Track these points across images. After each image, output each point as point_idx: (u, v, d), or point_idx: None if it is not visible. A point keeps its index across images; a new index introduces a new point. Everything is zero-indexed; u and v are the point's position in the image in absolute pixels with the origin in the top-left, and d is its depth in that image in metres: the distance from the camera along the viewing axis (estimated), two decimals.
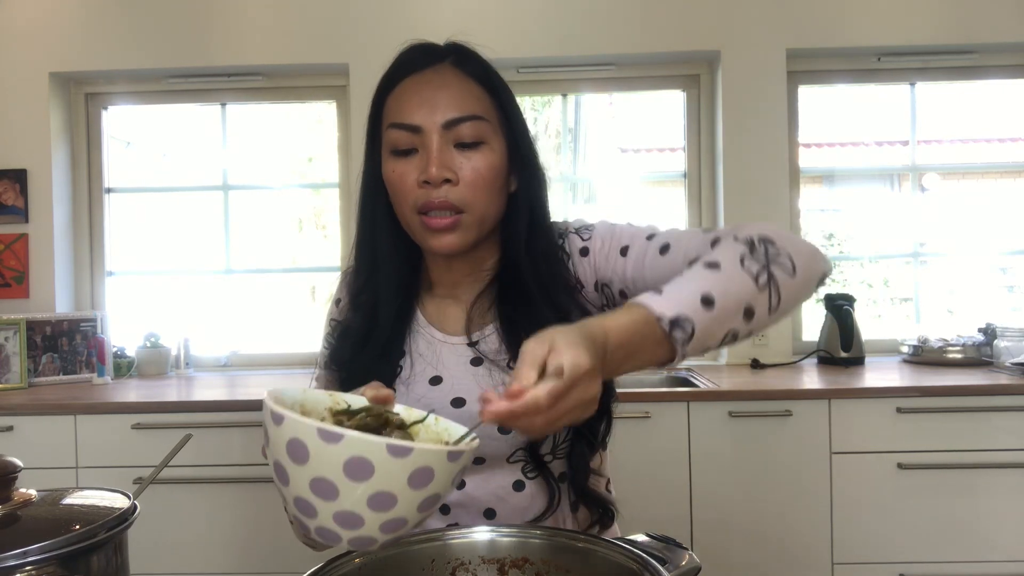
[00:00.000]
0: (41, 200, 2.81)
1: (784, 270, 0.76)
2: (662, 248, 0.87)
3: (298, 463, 0.59)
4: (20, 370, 2.58)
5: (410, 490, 0.59)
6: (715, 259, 0.75)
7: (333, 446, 0.57)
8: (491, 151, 0.89)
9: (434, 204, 0.86)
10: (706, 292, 0.70)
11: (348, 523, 0.60)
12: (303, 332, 3.76)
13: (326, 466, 0.57)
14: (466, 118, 0.87)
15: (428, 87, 0.88)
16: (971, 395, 2.13)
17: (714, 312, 0.70)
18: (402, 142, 0.88)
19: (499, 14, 2.75)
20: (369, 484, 0.57)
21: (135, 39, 2.80)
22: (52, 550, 0.62)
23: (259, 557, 2.22)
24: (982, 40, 2.72)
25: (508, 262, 0.95)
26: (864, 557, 2.14)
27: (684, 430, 2.16)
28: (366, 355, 0.93)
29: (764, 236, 0.78)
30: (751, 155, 2.73)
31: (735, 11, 2.72)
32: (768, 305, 0.75)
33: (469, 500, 0.93)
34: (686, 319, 0.68)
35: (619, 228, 0.94)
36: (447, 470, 0.60)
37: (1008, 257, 3.27)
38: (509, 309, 0.93)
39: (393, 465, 0.57)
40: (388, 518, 0.60)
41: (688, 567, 0.71)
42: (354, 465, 0.57)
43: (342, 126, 2.93)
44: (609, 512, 0.96)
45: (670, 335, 0.68)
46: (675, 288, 0.71)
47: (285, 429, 0.58)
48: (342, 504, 0.58)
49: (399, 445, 0.57)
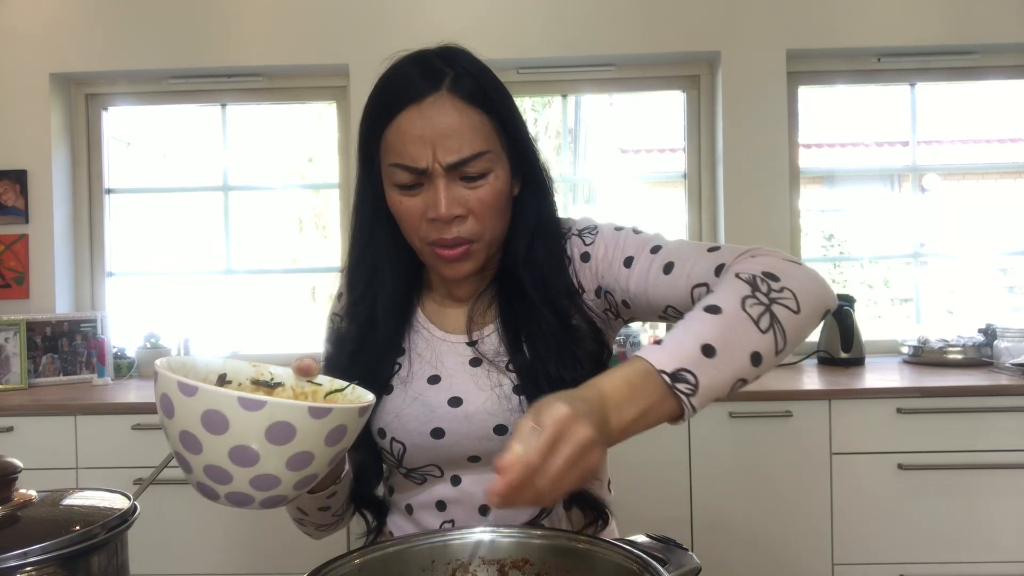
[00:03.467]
0: (41, 201, 2.81)
1: (788, 308, 0.74)
2: (666, 267, 0.85)
3: (168, 416, 0.60)
4: (20, 371, 2.58)
5: (269, 445, 0.59)
6: (716, 303, 0.72)
7: (190, 399, 0.58)
8: (496, 179, 0.87)
9: (447, 242, 0.86)
10: (706, 341, 0.69)
11: (218, 478, 0.61)
12: (303, 332, 3.76)
13: (188, 419, 0.59)
14: (471, 158, 0.84)
15: (429, 126, 0.84)
16: (971, 396, 2.13)
17: (716, 361, 0.68)
18: (406, 180, 0.86)
19: (499, 15, 2.75)
20: (226, 438, 0.58)
21: (135, 40, 2.80)
22: (52, 551, 0.62)
23: (259, 557, 2.22)
24: (982, 40, 2.72)
25: (509, 263, 0.95)
26: (864, 558, 2.14)
27: (684, 431, 2.16)
28: (361, 359, 0.93)
29: (768, 271, 0.76)
30: (751, 155, 2.73)
31: (735, 12, 2.72)
32: (774, 347, 0.73)
33: (465, 497, 0.93)
34: (687, 372, 0.67)
35: (624, 235, 0.92)
36: (313, 427, 0.60)
37: (1008, 257, 3.27)
38: (510, 309, 0.93)
39: (248, 419, 0.58)
40: (255, 474, 0.60)
41: (688, 568, 0.71)
42: (210, 418, 0.58)
43: (342, 126, 2.93)
44: (604, 515, 0.96)
45: (673, 388, 0.67)
46: (675, 339, 0.70)
47: (158, 386, 0.61)
48: (207, 457, 0.60)
49: (252, 399, 0.58)
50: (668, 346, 0.69)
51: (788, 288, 0.75)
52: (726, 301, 0.72)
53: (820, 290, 0.77)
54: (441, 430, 0.91)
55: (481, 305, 0.96)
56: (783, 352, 0.74)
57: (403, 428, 0.92)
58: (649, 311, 0.89)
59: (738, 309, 0.72)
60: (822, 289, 0.78)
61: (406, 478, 0.96)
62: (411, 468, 0.94)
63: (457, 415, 0.90)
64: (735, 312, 0.71)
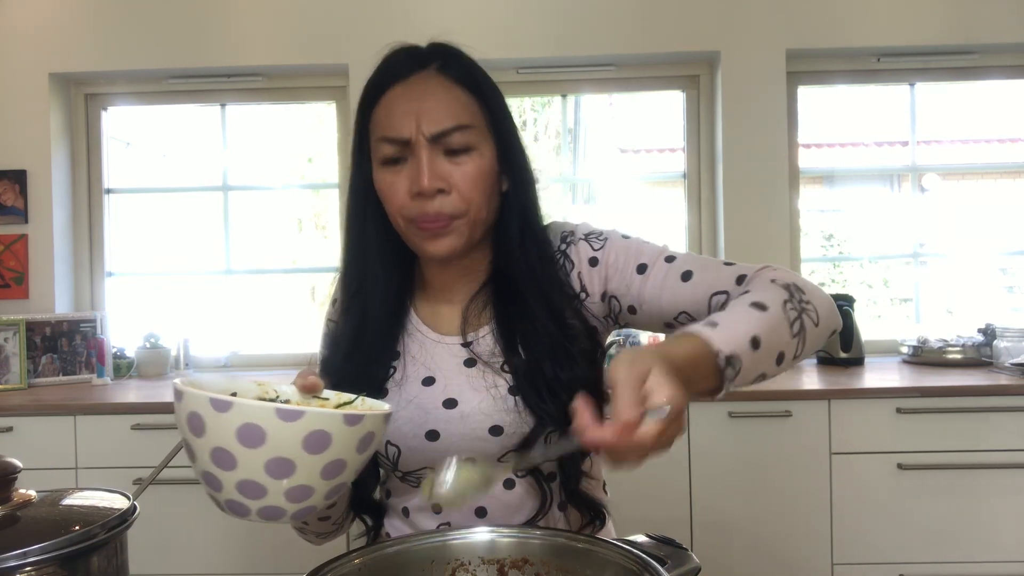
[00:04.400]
0: (41, 201, 2.81)
1: (812, 320, 0.79)
2: (684, 275, 0.88)
3: (197, 435, 0.59)
4: (20, 371, 2.58)
5: (307, 455, 0.59)
6: (762, 300, 0.77)
7: (224, 415, 0.57)
8: (480, 156, 0.88)
9: (429, 217, 0.86)
10: (755, 334, 0.72)
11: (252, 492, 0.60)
12: (303, 332, 3.76)
13: (222, 435, 0.58)
14: (453, 129, 0.86)
15: (414, 97, 0.87)
16: (971, 395, 2.13)
17: (758, 354, 0.72)
18: (391, 154, 0.88)
19: (499, 14, 2.75)
20: (263, 451, 0.58)
21: (135, 40, 2.80)
22: (52, 551, 0.62)
23: (258, 557, 2.22)
24: (982, 40, 2.72)
25: (501, 263, 0.95)
26: (864, 558, 2.14)
27: (684, 431, 2.16)
28: (355, 362, 0.93)
29: (796, 284, 0.81)
30: (751, 155, 2.73)
31: (735, 12, 2.72)
32: (795, 352, 0.78)
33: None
34: (737, 358, 0.70)
35: (635, 243, 0.93)
36: (347, 434, 0.60)
37: (1008, 257, 3.28)
38: (505, 310, 0.93)
39: (285, 430, 0.58)
40: (291, 485, 0.60)
41: (688, 568, 0.71)
42: (246, 432, 0.57)
43: (342, 126, 2.93)
44: (601, 515, 0.96)
45: (723, 371, 0.70)
46: (729, 324, 0.72)
47: (184, 404, 0.60)
48: (241, 473, 0.59)
49: (289, 409, 0.58)
50: (724, 332, 0.71)
51: (812, 302, 0.80)
52: (771, 301, 0.77)
53: (833, 311, 0.84)
54: (436, 432, 0.90)
55: (476, 306, 0.96)
56: (797, 359, 0.79)
57: (397, 431, 0.91)
58: (658, 317, 0.90)
59: (780, 310, 0.77)
60: (835, 311, 0.84)
61: (402, 481, 0.96)
62: (406, 471, 0.94)
63: (452, 416, 0.90)
64: (778, 312, 0.76)
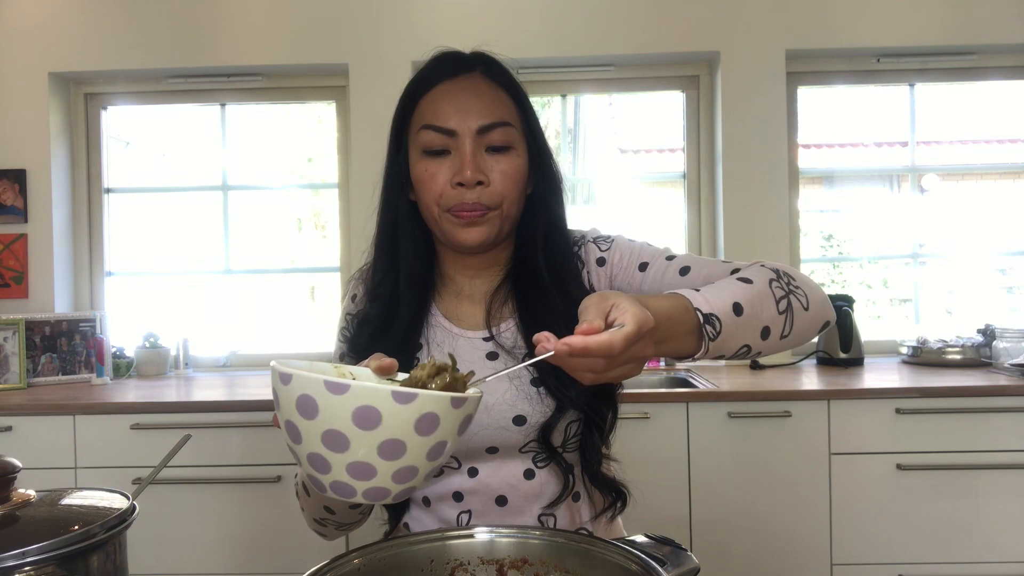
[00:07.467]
0: (40, 200, 2.80)
1: (800, 303, 0.84)
2: (682, 269, 0.93)
3: (308, 418, 0.60)
4: (19, 370, 2.58)
5: (417, 437, 0.60)
6: (747, 276, 0.83)
7: (340, 397, 0.58)
8: (517, 156, 0.93)
9: (467, 206, 0.90)
10: (738, 300, 0.77)
11: (361, 474, 0.61)
12: (302, 332, 3.76)
13: (336, 418, 0.58)
14: (497, 124, 0.91)
15: (461, 93, 0.92)
16: (970, 396, 2.13)
17: (741, 320, 0.77)
18: (435, 143, 0.92)
19: (499, 14, 2.75)
20: (378, 432, 0.58)
21: (135, 39, 2.80)
22: (51, 550, 0.62)
23: (258, 557, 2.22)
24: (982, 41, 2.72)
25: (521, 260, 0.98)
26: (863, 558, 2.14)
27: (683, 431, 2.16)
28: (384, 344, 0.94)
29: (786, 271, 0.86)
30: (750, 156, 2.73)
31: (734, 12, 2.72)
32: (781, 331, 0.82)
33: (482, 487, 0.95)
34: (717, 318, 0.75)
35: (638, 245, 0.99)
36: (452, 416, 0.61)
37: (1007, 258, 3.28)
38: (527, 302, 0.96)
39: (400, 412, 0.58)
40: (399, 467, 0.61)
41: (687, 568, 0.71)
42: (362, 414, 0.58)
43: (342, 126, 2.93)
44: (622, 495, 0.98)
45: (702, 328, 0.73)
46: (711, 290, 0.78)
47: (294, 387, 0.60)
48: (354, 454, 0.60)
49: (404, 392, 0.59)
50: (705, 295, 0.76)
51: (802, 288, 0.85)
52: (756, 278, 0.83)
53: (826, 302, 0.87)
54: None
55: (498, 300, 0.99)
56: (785, 340, 0.83)
57: None
58: None
59: (766, 286, 0.82)
60: (826, 302, 0.88)
61: None
62: None
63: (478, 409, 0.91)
64: (763, 287, 0.82)
